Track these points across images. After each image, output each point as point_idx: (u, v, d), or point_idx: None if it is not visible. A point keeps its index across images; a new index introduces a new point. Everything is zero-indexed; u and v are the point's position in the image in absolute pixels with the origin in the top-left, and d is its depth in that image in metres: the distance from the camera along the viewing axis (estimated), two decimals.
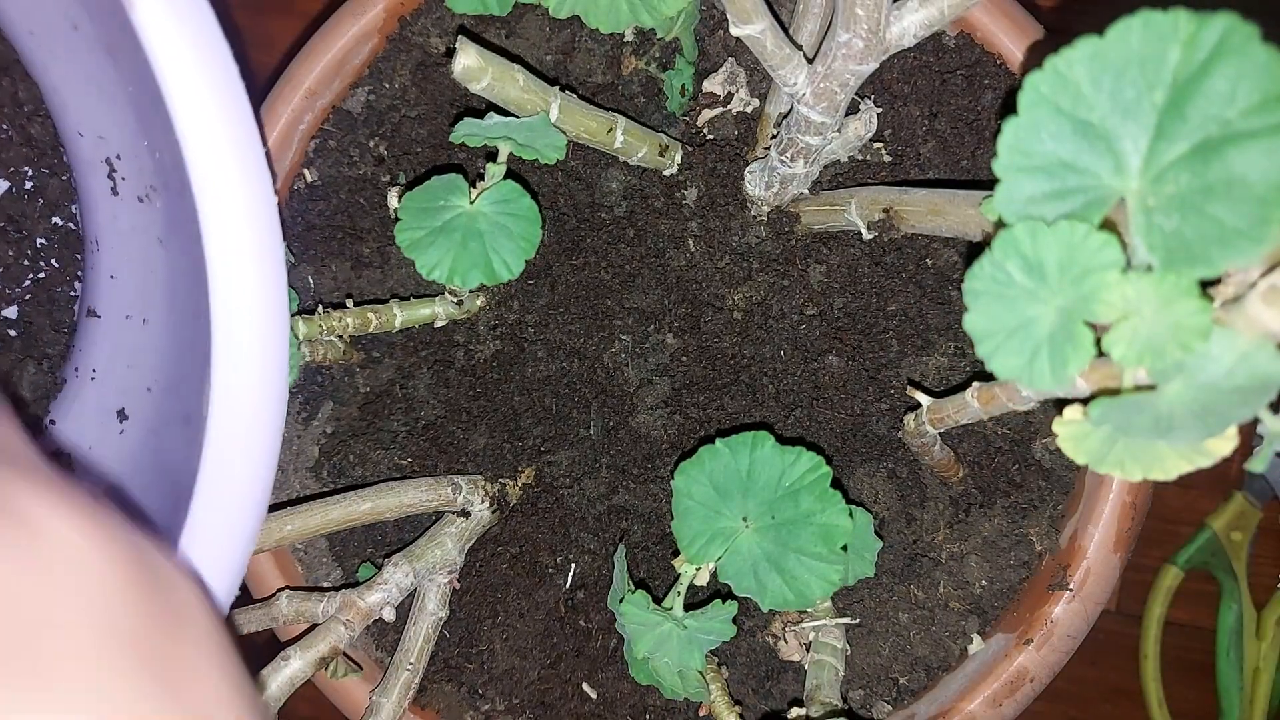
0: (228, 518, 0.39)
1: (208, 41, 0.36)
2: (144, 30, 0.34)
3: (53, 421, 0.59)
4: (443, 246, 0.47)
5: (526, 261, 0.47)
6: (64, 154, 0.61)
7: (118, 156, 0.54)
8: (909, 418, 0.50)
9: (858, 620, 0.52)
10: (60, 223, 0.64)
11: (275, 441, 0.39)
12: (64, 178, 0.63)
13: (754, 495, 0.45)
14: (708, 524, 0.45)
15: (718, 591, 0.49)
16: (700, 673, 0.49)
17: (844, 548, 0.44)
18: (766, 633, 0.53)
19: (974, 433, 0.53)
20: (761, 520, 0.45)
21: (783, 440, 0.45)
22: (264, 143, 0.56)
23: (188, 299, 0.44)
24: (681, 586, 0.47)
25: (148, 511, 0.46)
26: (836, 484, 0.44)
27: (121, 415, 0.54)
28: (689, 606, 0.48)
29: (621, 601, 0.47)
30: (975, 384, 0.41)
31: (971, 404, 0.41)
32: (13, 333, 0.63)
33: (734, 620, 0.47)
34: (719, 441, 0.45)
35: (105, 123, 0.53)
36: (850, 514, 0.44)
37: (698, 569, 0.46)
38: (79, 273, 0.63)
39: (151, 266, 0.51)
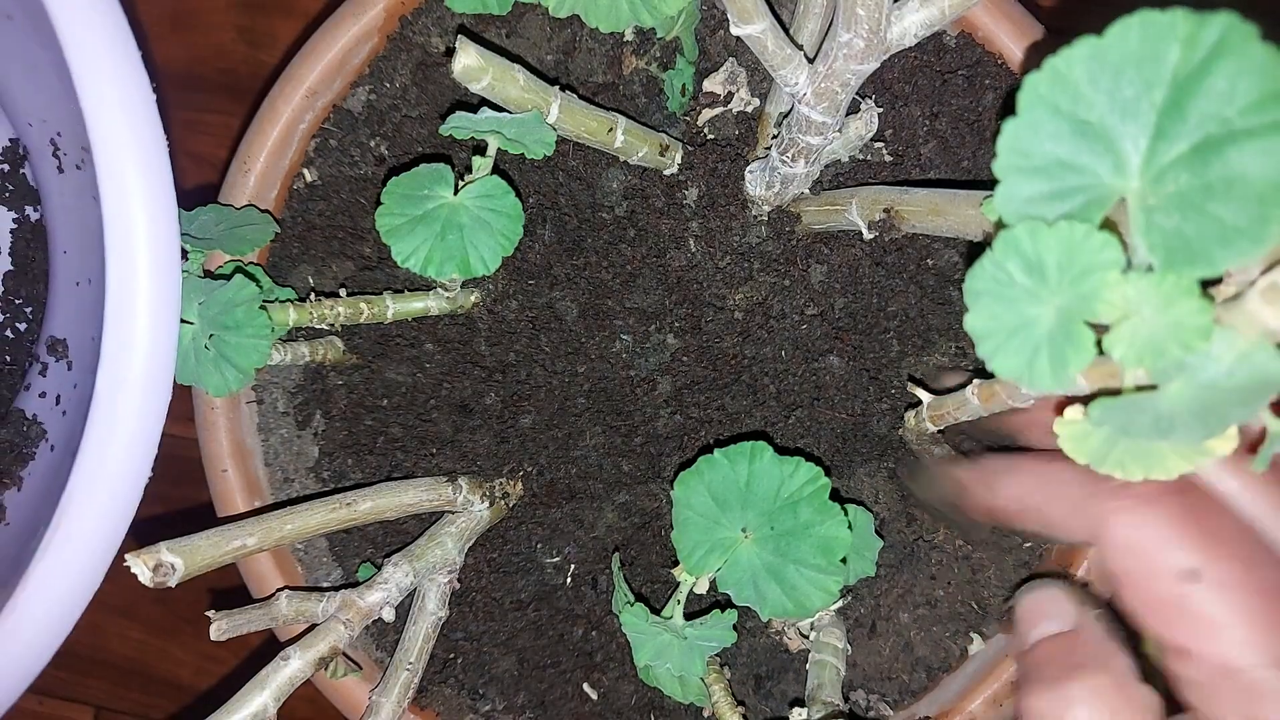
0: (109, 471, 0.41)
1: (105, 15, 0.38)
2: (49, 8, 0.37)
3: (27, 387, 0.60)
4: (420, 235, 0.46)
5: (517, 257, 0.47)
6: (25, 152, 0.63)
7: (59, 134, 0.55)
8: (909, 415, 0.49)
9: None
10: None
11: (163, 389, 0.41)
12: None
13: (753, 506, 0.44)
14: (707, 535, 0.45)
15: (717, 601, 0.49)
16: (702, 679, 0.49)
17: (844, 560, 0.44)
18: (769, 629, 0.53)
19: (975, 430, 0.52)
20: (761, 531, 0.44)
21: (781, 450, 0.45)
22: (264, 141, 0.57)
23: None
24: (681, 595, 0.47)
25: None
26: (835, 495, 0.44)
27: (73, 373, 0.56)
28: (690, 613, 0.48)
29: (622, 611, 0.47)
30: (976, 381, 0.41)
31: (972, 401, 0.41)
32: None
33: (735, 626, 0.47)
34: (717, 452, 0.45)
35: (45, 105, 0.55)
36: (850, 525, 0.44)
37: (696, 579, 0.46)
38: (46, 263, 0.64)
39: (92, 227, 0.53)
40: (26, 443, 0.59)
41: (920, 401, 0.47)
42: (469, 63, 0.42)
